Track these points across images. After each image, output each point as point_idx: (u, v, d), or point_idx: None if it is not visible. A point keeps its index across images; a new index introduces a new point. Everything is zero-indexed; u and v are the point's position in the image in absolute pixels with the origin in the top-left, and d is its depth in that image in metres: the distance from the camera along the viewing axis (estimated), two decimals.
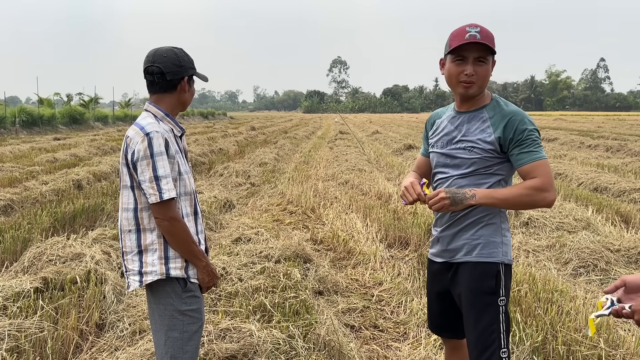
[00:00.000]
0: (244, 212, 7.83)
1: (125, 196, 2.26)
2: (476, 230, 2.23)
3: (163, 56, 2.26)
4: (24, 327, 3.43)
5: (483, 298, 2.20)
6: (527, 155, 2.12)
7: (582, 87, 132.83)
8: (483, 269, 2.21)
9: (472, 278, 2.23)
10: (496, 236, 2.23)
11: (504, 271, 2.23)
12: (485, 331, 2.18)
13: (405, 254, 5.66)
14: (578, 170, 11.11)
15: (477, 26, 2.12)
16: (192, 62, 2.36)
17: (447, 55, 2.20)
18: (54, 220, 6.40)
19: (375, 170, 11.78)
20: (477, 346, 2.19)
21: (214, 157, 14.69)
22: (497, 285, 2.20)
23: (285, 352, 3.17)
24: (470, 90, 2.18)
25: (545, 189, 2.10)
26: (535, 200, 2.12)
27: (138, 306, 4.05)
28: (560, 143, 19.82)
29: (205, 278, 2.33)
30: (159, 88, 2.29)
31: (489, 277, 2.20)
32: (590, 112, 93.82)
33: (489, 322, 2.18)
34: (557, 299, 4.10)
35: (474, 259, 2.23)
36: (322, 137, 24.47)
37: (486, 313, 2.18)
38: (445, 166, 2.30)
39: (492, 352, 2.16)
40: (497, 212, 2.24)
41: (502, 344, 2.17)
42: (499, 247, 2.23)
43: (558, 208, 6.91)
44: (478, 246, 2.23)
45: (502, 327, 2.18)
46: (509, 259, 2.25)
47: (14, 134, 24.49)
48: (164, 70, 2.25)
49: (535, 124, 2.17)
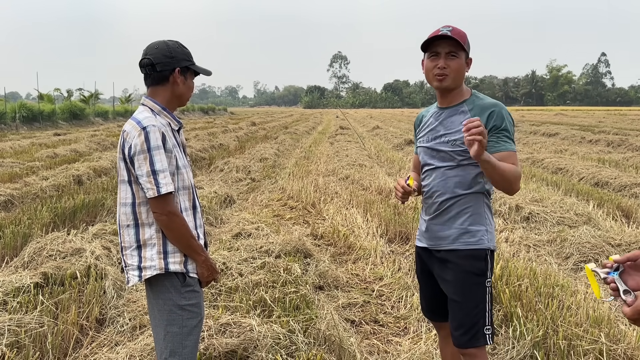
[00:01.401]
0: (245, 207, 7.83)
1: (123, 191, 2.24)
2: (464, 220, 2.35)
3: (154, 48, 2.25)
4: (24, 322, 3.43)
5: (472, 278, 2.33)
6: (504, 144, 2.25)
7: (583, 82, 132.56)
8: (472, 254, 2.34)
9: (462, 263, 2.34)
10: (482, 224, 2.35)
11: (490, 256, 2.37)
12: (473, 310, 2.32)
13: (406, 249, 5.65)
14: (579, 165, 11.08)
15: (450, 26, 2.30)
16: (188, 55, 2.33)
17: (424, 55, 2.39)
18: (54, 215, 6.39)
19: (375, 165, 11.76)
20: (464, 324, 2.34)
21: (214, 152, 14.68)
22: (485, 269, 2.35)
23: (286, 346, 3.16)
24: (444, 83, 2.31)
25: (519, 178, 2.25)
26: (513, 184, 2.23)
27: (138, 301, 4.05)
28: (561, 138, 19.78)
29: (204, 273, 2.31)
30: (152, 80, 2.28)
31: (479, 260, 2.34)
32: (591, 107, 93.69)
33: (477, 301, 2.33)
34: (557, 294, 4.09)
35: (462, 247, 2.35)
36: (323, 132, 24.45)
37: (475, 293, 2.33)
38: (432, 158, 2.44)
39: (478, 329, 2.32)
40: (482, 201, 2.37)
41: (487, 321, 2.34)
42: (485, 235, 2.35)
43: (559, 203, 6.89)
44: (464, 235, 2.34)
45: (488, 306, 2.35)
46: (494, 245, 2.39)
47: (14, 129, 24.48)
48: (154, 61, 2.23)
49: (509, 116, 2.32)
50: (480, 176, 2.32)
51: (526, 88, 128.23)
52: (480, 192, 2.35)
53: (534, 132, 23.05)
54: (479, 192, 2.35)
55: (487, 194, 2.38)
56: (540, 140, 18.64)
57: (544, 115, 47.08)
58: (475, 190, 2.34)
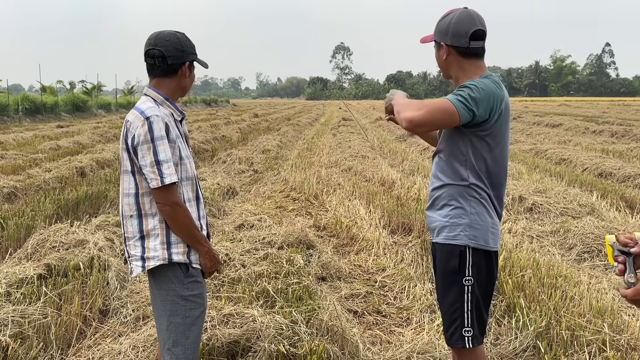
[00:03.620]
0: (247, 198, 7.83)
1: (126, 181, 2.24)
2: (446, 213, 2.29)
3: (165, 40, 2.22)
4: (28, 313, 3.44)
5: (448, 276, 2.29)
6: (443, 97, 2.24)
7: (587, 72, 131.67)
8: (449, 249, 2.28)
9: (441, 257, 2.32)
10: (462, 219, 2.24)
11: (471, 253, 2.24)
12: (450, 308, 2.28)
13: (409, 240, 5.65)
14: (583, 155, 11.04)
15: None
16: (194, 48, 2.32)
17: None
18: (57, 207, 6.40)
19: (378, 156, 11.74)
20: (444, 321, 2.33)
21: (216, 144, 14.66)
22: (462, 265, 2.24)
23: (288, 337, 3.16)
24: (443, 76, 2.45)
25: (416, 107, 2.17)
26: (400, 112, 2.24)
27: (141, 292, 4.06)
28: (565, 129, 19.69)
29: (207, 263, 2.32)
30: (160, 72, 2.26)
31: (453, 257, 2.26)
32: (595, 98, 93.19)
33: (453, 299, 2.27)
34: (561, 284, 4.08)
35: (441, 240, 2.31)
36: (325, 123, 24.40)
37: (451, 290, 2.28)
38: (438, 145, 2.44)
39: (455, 328, 2.26)
40: (465, 197, 2.25)
41: (466, 323, 2.24)
42: (465, 231, 2.23)
43: (562, 194, 6.87)
44: (445, 228, 2.28)
45: (466, 306, 2.24)
46: (479, 243, 2.24)
47: (17, 121, 24.50)
48: (165, 54, 2.21)
49: (478, 84, 2.15)
50: (463, 168, 2.23)
51: (530, 79, 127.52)
52: (464, 185, 2.24)
53: (538, 122, 22.95)
54: (462, 184, 2.24)
55: (476, 187, 2.23)
56: (544, 131, 18.56)
57: (547, 105, 46.86)
58: (458, 182, 2.24)
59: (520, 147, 13.49)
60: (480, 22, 2.23)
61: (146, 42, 2.25)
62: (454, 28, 2.23)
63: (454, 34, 2.23)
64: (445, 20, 2.27)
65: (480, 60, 2.29)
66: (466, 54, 2.26)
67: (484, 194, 2.26)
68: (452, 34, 2.23)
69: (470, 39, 2.22)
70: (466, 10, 2.26)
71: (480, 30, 2.23)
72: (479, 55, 2.28)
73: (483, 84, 2.14)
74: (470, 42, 2.22)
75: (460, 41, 2.23)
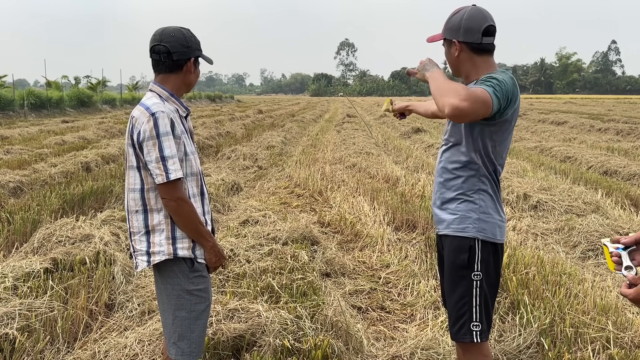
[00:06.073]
0: (252, 194, 7.84)
1: (131, 177, 2.25)
2: (455, 205, 2.29)
3: (171, 35, 2.23)
4: (35, 307, 3.47)
5: (457, 271, 2.29)
6: (481, 85, 2.09)
7: (593, 69, 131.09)
8: (458, 242, 2.28)
9: (450, 250, 2.31)
10: (472, 212, 2.26)
11: (480, 247, 2.25)
12: (458, 302, 2.28)
13: (413, 237, 5.65)
14: (588, 153, 11.01)
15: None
16: (199, 44, 2.33)
17: None
18: (63, 202, 6.44)
19: (382, 153, 11.73)
20: (452, 316, 2.32)
21: (221, 140, 14.68)
22: (471, 260, 2.25)
23: (293, 332, 3.18)
24: (454, 75, 2.41)
25: (457, 92, 2.00)
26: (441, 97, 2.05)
27: (147, 287, 4.08)
28: (570, 126, 19.63)
29: (212, 258, 2.33)
30: (165, 68, 2.27)
31: (463, 251, 2.26)
32: (601, 95, 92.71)
33: (462, 294, 2.27)
34: (565, 282, 4.08)
35: (450, 233, 2.30)
36: (330, 120, 24.37)
37: (459, 285, 2.28)
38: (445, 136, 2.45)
39: (463, 322, 2.27)
40: (477, 190, 2.26)
41: (474, 317, 2.26)
42: (475, 223, 2.25)
43: (567, 191, 6.86)
44: (455, 220, 2.29)
45: (475, 301, 2.26)
46: (487, 236, 2.25)
47: (22, 116, 24.58)
48: (171, 50, 2.22)
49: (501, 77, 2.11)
50: (475, 159, 2.23)
51: (535, 76, 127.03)
52: (474, 177, 2.25)
53: (543, 120, 22.87)
54: (473, 176, 2.25)
55: (486, 180, 2.26)
56: (549, 129, 18.50)
57: (552, 103, 46.68)
58: (469, 175, 2.25)
59: (525, 145, 13.45)
60: (490, 18, 2.24)
61: (151, 38, 2.26)
62: (466, 24, 2.22)
63: (467, 30, 2.22)
64: (455, 17, 2.26)
65: (491, 57, 2.29)
66: (478, 50, 2.25)
67: (491, 188, 2.29)
68: (465, 31, 2.23)
69: (482, 34, 2.21)
70: (476, 7, 2.26)
71: (491, 26, 2.23)
72: (490, 51, 2.28)
73: (504, 78, 2.12)
74: (482, 38, 2.22)
75: (473, 37, 2.22)
